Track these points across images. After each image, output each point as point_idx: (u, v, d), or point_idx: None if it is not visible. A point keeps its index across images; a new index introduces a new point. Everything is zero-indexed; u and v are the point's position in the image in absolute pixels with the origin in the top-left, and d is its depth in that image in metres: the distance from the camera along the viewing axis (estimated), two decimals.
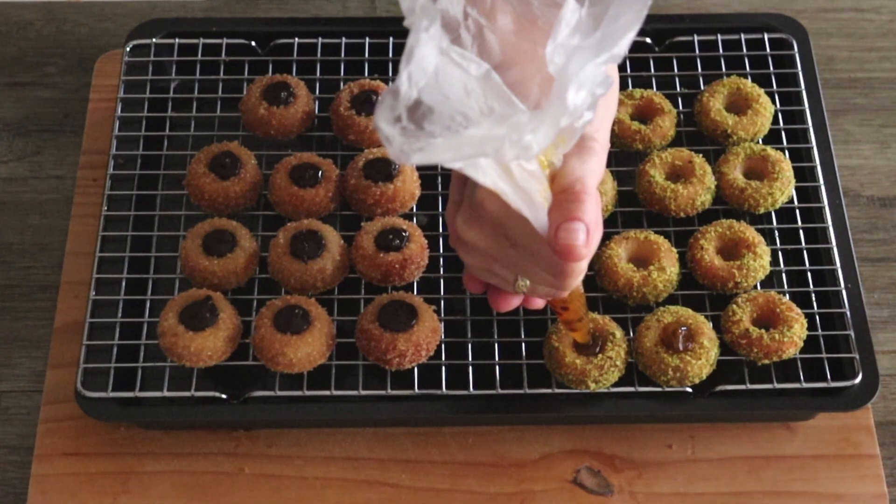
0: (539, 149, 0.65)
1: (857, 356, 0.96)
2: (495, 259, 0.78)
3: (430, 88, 0.64)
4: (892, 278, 1.07)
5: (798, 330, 0.95)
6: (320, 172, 1.02)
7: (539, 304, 0.85)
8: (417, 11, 0.63)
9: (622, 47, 0.66)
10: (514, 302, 0.84)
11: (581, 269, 0.76)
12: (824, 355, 0.97)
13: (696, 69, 1.13)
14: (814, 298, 1.00)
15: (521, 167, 0.69)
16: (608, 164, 1.04)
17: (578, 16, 0.67)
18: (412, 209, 1.04)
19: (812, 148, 1.07)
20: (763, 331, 0.95)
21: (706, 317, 0.97)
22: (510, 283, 0.80)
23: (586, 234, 0.71)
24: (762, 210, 1.03)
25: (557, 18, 0.67)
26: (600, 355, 0.93)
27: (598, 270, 1.00)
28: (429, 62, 0.64)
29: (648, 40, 1.14)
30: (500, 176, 0.68)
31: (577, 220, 0.70)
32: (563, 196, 0.71)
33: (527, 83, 0.72)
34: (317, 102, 1.10)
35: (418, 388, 0.95)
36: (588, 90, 0.66)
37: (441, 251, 1.02)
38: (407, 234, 0.98)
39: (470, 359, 0.97)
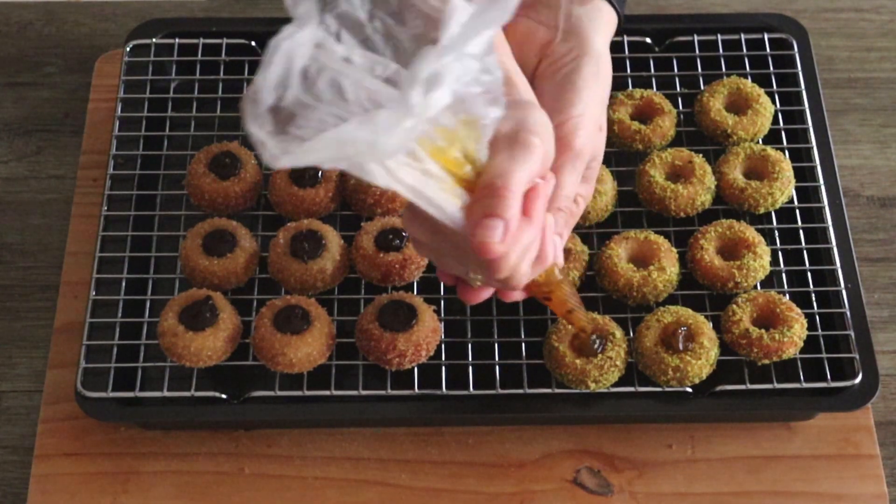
0: (391, 151, 0.63)
1: (857, 356, 0.96)
2: (442, 254, 0.76)
3: (299, 89, 0.62)
4: (892, 278, 1.07)
5: (798, 330, 0.95)
6: (320, 172, 1.02)
7: (515, 296, 0.81)
8: (300, 14, 0.63)
9: (476, 45, 0.64)
10: (483, 294, 0.80)
11: (510, 264, 0.72)
12: (824, 355, 0.97)
13: (696, 69, 1.13)
14: (814, 298, 1.00)
15: (415, 166, 0.67)
16: (608, 164, 1.04)
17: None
18: None
19: (812, 148, 1.07)
20: (763, 331, 0.95)
21: (706, 317, 0.97)
22: (463, 275, 0.78)
23: (504, 230, 0.68)
24: (762, 210, 1.03)
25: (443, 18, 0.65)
26: (600, 355, 0.93)
27: (598, 270, 1.00)
28: (296, 63, 0.62)
29: (648, 40, 1.14)
30: (392, 176, 0.66)
31: (494, 216, 0.68)
32: (484, 192, 0.69)
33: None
34: None
35: (418, 388, 0.95)
36: (449, 87, 0.63)
37: None
38: (407, 234, 0.98)
39: (470, 359, 0.97)
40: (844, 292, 0.99)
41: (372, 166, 0.65)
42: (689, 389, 0.95)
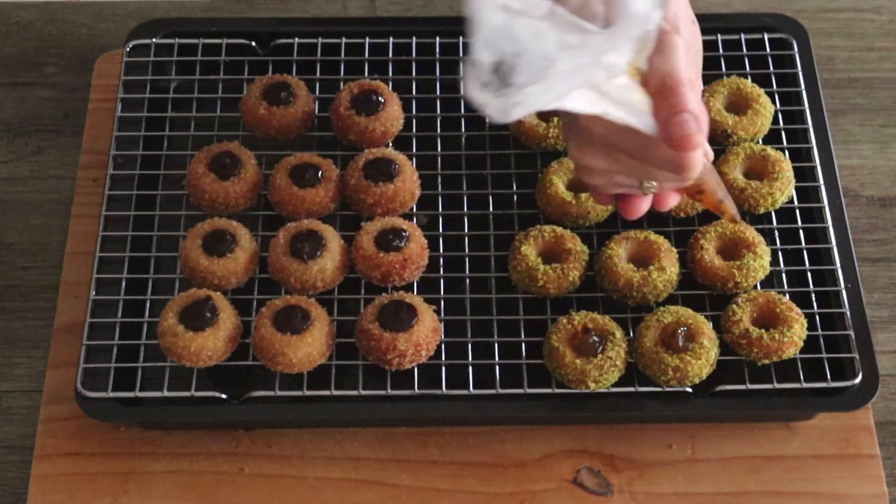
0: (624, 63, 0.69)
1: (857, 356, 0.96)
2: (616, 172, 0.82)
3: (505, 45, 0.69)
4: (892, 278, 1.07)
5: (798, 330, 0.95)
6: (320, 172, 1.02)
7: (672, 201, 0.86)
8: None
9: None
10: (646, 206, 0.86)
11: (698, 157, 0.77)
12: (824, 355, 0.97)
13: None
14: (814, 298, 1.00)
15: (613, 85, 0.73)
16: None
17: None
18: (412, 209, 1.04)
19: (812, 148, 1.07)
20: (763, 331, 0.95)
21: (706, 317, 0.97)
22: (636, 188, 0.84)
23: (695, 121, 0.74)
24: (762, 210, 1.03)
25: None
26: (600, 355, 0.93)
27: (598, 270, 1.00)
28: (494, 22, 0.69)
29: None
30: (597, 99, 0.72)
31: (681, 111, 0.74)
32: (661, 95, 0.75)
33: (590, 4, 0.75)
34: (317, 102, 1.10)
35: (418, 388, 0.95)
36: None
37: (441, 251, 1.02)
38: (407, 234, 0.98)
39: (470, 359, 0.97)
40: (844, 292, 0.99)
41: (578, 95, 0.72)
42: (689, 389, 0.95)
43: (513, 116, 0.69)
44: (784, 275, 1.02)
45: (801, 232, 1.04)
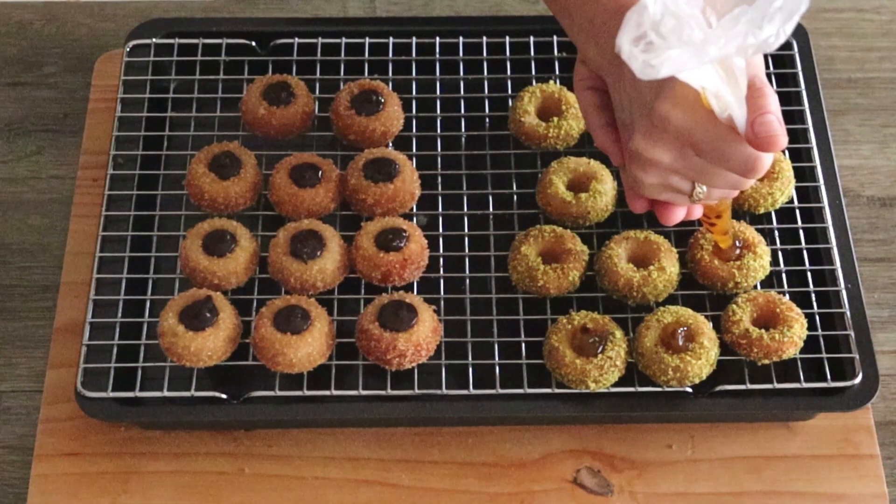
0: (782, 39, 0.70)
1: (857, 356, 0.96)
2: (676, 171, 0.81)
3: (669, 3, 0.70)
4: (892, 278, 1.07)
5: (798, 330, 0.95)
6: (320, 172, 1.02)
7: (678, 216, 0.87)
8: None
9: None
10: (681, 215, 0.87)
11: (770, 161, 0.78)
12: (824, 355, 0.97)
13: None
14: (814, 298, 1.00)
15: (734, 66, 0.74)
16: (608, 164, 1.04)
17: None
18: (412, 209, 1.04)
19: (812, 148, 1.07)
20: (763, 331, 0.95)
21: (706, 317, 0.97)
22: (686, 194, 0.83)
23: (780, 123, 0.75)
24: (762, 210, 1.03)
25: None
26: (600, 355, 0.93)
27: (598, 270, 1.00)
28: None
29: None
30: (716, 77, 0.74)
31: (768, 112, 0.75)
32: (749, 93, 0.75)
33: None
34: (317, 102, 1.10)
35: (418, 388, 0.95)
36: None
37: (441, 251, 1.02)
38: (407, 234, 0.98)
39: (470, 359, 0.97)
40: (844, 292, 0.99)
41: (707, 68, 0.73)
42: (689, 389, 0.95)
43: (660, 74, 0.70)
44: (784, 275, 1.02)
45: (801, 232, 1.04)
